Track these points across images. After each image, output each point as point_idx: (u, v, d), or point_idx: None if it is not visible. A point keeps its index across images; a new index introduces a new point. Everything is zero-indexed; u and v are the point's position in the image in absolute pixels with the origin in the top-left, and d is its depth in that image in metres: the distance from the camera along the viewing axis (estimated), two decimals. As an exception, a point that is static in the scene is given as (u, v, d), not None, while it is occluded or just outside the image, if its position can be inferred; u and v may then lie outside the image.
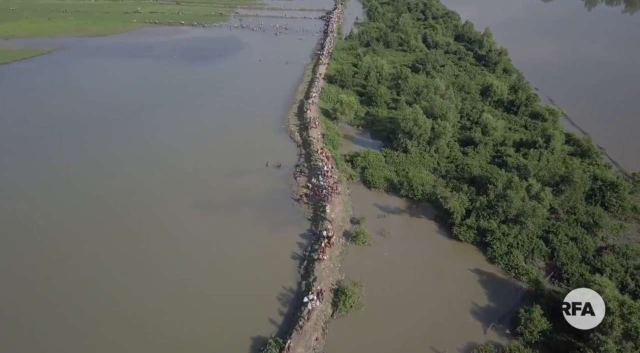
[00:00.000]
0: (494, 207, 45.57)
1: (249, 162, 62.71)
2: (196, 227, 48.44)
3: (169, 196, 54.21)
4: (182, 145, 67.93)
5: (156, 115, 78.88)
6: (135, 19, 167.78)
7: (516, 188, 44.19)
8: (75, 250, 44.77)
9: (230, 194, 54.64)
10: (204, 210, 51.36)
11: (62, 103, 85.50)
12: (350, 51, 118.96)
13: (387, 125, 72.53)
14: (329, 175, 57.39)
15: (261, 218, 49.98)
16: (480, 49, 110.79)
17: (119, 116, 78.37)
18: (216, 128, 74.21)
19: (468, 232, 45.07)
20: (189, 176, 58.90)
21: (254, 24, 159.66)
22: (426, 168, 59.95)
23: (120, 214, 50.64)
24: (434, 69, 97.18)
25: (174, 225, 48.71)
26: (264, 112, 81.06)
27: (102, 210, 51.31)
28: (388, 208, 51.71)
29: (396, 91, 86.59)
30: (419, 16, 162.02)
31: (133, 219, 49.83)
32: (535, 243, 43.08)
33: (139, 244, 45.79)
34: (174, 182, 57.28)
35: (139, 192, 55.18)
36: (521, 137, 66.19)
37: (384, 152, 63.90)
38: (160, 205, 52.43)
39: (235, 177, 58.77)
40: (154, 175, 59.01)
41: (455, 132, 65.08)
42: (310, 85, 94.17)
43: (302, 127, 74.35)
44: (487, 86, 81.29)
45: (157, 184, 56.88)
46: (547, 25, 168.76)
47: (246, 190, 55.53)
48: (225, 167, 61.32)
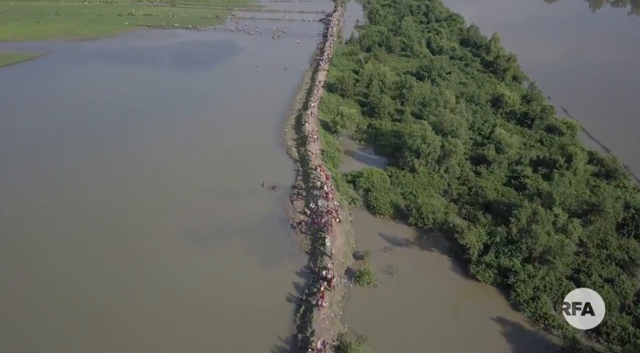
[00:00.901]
0: (516, 243, 40.14)
1: (241, 182, 57.29)
2: (177, 263, 42.90)
3: (148, 224, 48.63)
4: (169, 162, 62.43)
5: (143, 127, 73.34)
6: (128, 21, 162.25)
7: (542, 222, 38.77)
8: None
9: (219, 221, 49.15)
10: (187, 241, 45.84)
11: (43, 113, 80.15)
12: (350, 56, 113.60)
13: (391, 140, 67.12)
14: (329, 198, 52.12)
15: (252, 251, 44.53)
16: (487, 54, 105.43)
17: (102, 129, 72.79)
18: (207, 142, 68.70)
19: (487, 272, 39.64)
20: (175, 200, 53.33)
21: (250, 26, 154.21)
22: (435, 190, 54.56)
23: (92, 245, 45.23)
24: (439, 77, 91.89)
25: (150, 262, 43.19)
26: (259, 124, 75.61)
27: (72, 240, 45.85)
28: (395, 239, 46.24)
29: (400, 101, 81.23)
30: (422, 19, 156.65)
31: (108, 251, 44.39)
32: (565, 286, 37.66)
33: (113, 284, 40.35)
34: (156, 207, 51.70)
35: (116, 218, 49.68)
36: (538, 154, 60.77)
37: (389, 171, 58.50)
38: (139, 236, 46.90)
39: (226, 200, 53.30)
40: (134, 200, 53.41)
41: (466, 149, 59.64)
42: (308, 94, 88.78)
43: (300, 141, 68.93)
44: (497, 97, 75.88)
45: (136, 210, 51.34)
46: (552, 26, 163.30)
47: (237, 216, 50.06)
48: (216, 188, 55.85)
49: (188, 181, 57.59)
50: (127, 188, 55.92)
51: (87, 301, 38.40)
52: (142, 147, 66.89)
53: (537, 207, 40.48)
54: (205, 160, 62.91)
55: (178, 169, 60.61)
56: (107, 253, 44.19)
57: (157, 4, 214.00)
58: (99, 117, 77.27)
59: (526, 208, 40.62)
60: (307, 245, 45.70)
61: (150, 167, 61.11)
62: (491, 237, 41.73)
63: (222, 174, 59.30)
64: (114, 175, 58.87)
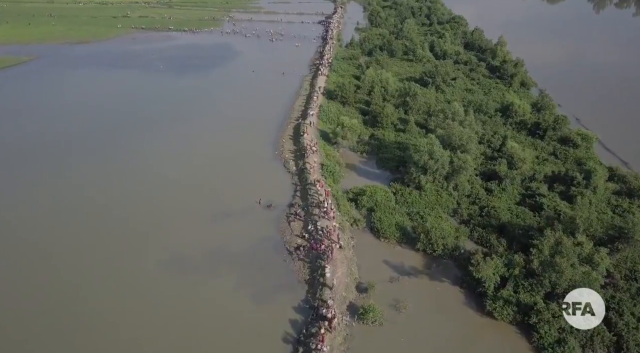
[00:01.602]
0: (537, 276, 36.09)
1: (235, 199, 53.31)
2: (156, 297, 38.90)
3: (131, 250, 44.57)
4: (157, 176, 58.31)
5: (130, 139, 69.20)
6: (123, 24, 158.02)
7: (567, 254, 34.72)
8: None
9: (208, 246, 45.14)
10: (171, 270, 41.81)
11: (28, 121, 76.18)
12: (351, 61, 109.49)
13: (395, 153, 63.10)
14: (329, 217, 48.15)
15: (244, 283, 40.50)
16: (493, 59, 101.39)
17: (86, 139, 68.92)
18: (199, 155, 64.63)
19: (505, 309, 35.60)
20: (160, 220, 49.28)
21: (247, 29, 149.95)
22: (444, 209, 50.53)
23: (68, 270, 41.18)
24: (444, 83, 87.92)
25: (132, 293, 39.23)
26: (255, 135, 71.54)
27: (41, 267, 41.76)
28: (402, 267, 42.17)
29: (404, 109, 77.18)
30: (424, 21, 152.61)
31: (81, 283, 40.30)
32: (595, 328, 33.57)
33: (91, 316, 36.28)
34: (138, 229, 47.63)
35: (92, 240, 45.59)
36: (553, 169, 56.71)
37: (393, 188, 54.46)
38: (120, 262, 42.89)
39: (217, 221, 49.28)
40: (115, 219, 49.34)
41: (477, 165, 55.57)
42: (307, 102, 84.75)
43: (299, 153, 64.90)
44: (507, 105, 71.85)
45: (116, 231, 47.21)
46: (556, 27, 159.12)
47: (228, 240, 46.06)
48: (207, 206, 51.90)
49: (176, 198, 53.62)
50: (108, 206, 51.82)
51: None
52: (129, 160, 62.77)
53: (561, 236, 36.40)
54: (197, 175, 58.85)
55: (166, 184, 56.59)
56: (79, 286, 40.10)
57: (153, 5, 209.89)
58: (84, 127, 73.22)
59: (548, 238, 36.57)
60: (305, 274, 41.69)
61: (136, 182, 57.04)
62: (509, 269, 37.62)
63: (214, 190, 55.30)
64: (93, 192, 54.80)
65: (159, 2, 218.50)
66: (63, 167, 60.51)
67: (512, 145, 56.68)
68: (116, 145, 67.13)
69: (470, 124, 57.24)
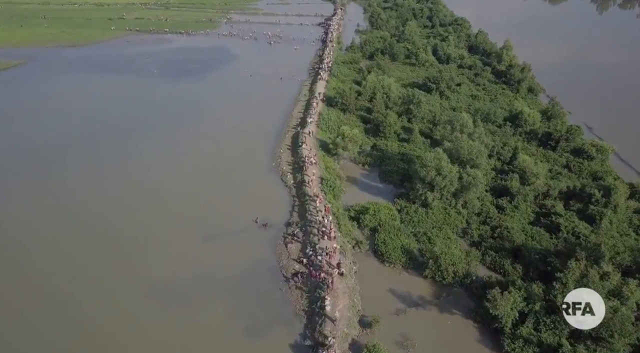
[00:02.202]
0: (560, 312, 32.51)
1: (228, 217, 49.79)
2: (139, 331, 35.30)
3: (112, 276, 40.90)
4: (145, 192, 54.73)
5: (119, 148, 65.69)
6: (117, 26, 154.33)
7: (595, 287, 31.14)
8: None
9: (197, 272, 41.59)
10: (156, 300, 38.24)
11: (16, 127, 72.87)
12: (351, 65, 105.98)
13: (399, 165, 59.53)
14: (331, 236, 44.66)
15: (236, 314, 36.94)
16: (499, 63, 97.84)
17: (76, 147, 65.74)
18: (192, 166, 61.08)
19: (526, 350, 32.00)
20: (146, 242, 45.61)
21: (245, 31, 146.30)
22: (452, 229, 46.98)
23: (47, 296, 37.60)
24: (448, 89, 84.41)
25: (111, 325, 35.65)
26: (251, 145, 67.98)
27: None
28: (409, 297, 38.57)
29: (407, 117, 73.63)
30: (426, 23, 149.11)
31: (63, 307, 36.75)
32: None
33: None
34: (122, 252, 43.92)
35: (70, 265, 41.98)
36: (568, 184, 53.11)
37: (398, 205, 50.90)
38: (98, 289, 39.29)
39: (208, 242, 45.70)
40: (96, 239, 45.72)
41: (487, 181, 51.97)
42: (306, 109, 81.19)
43: (297, 165, 61.32)
44: (515, 114, 68.30)
45: (99, 254, 43.55)
46: (559, 29, 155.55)
47: (220, 264, 42.48)
48: (198, 224, 48.35)
49: (165, 214, 50.09)
50: (90, 221, 48.29)
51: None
52: (116, 171, 59.24)
53: (587, 268, 32.83)
54: (189, 189, 55.26)
55: (155, 199, 53.08)
56: (54, 318, 36.55)
57: (150, 7, 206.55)
58: (73, 134, 69.80)
59: (573, 271, 32.96)
60: (303, 305, 38.08)
61: (122, 197, 53.45)
62: (528, 303, 34.02)
63: (207, 206, 51.76)
64: (78, 204, 51.36)
65: (155, 3, 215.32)
66: (48, 176, 56.98)
67: (524, 159, 53.11)
68: (104, 154, 63.65)
69: (479, 137, 53.63)
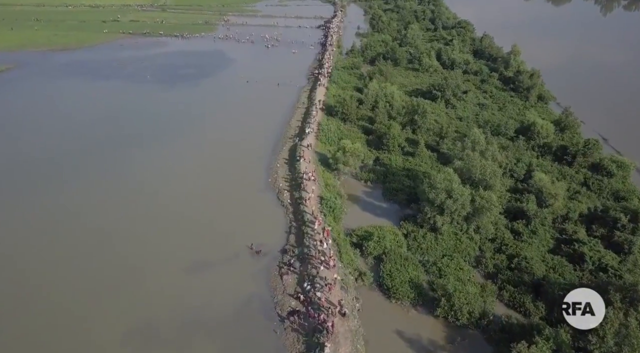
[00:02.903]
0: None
1: (219, 243, 45.62)
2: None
3: (84, 319, 36.50)
4: (129, 215, 50.36)
5: (107, 161, 61.62)
6: (111, 29, 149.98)
7: (637, 344, 26.92)
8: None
9: (183, 308, 37.47)
10: (137, 343, 33.98)
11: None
12: (352, 70, 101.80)
13: (404, 182, 55.36)
14: (330, 265, 40.57)
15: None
16: (506, 69, 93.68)
17: (59, 161, 61.54)
18: (182, 183, 56.83)
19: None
20: (127, 274, 41.32)
21: (241, 34, 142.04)
22: (464, 257, 42.82)
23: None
24: (454, 97, 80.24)
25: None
26: (246, 158, 63.82)
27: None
28: (419, 341, 34.33)
29: (412, 128, 69.44)
30: (428, 26, 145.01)
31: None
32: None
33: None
34: (97, 291, 39.41)
35: (41, 302, 37.72)
36: (589, 205, 48.93)
37: (404, 228, 46.72)
38: (67, 330, 35.03)
39: (195, 274, 41.47)
40: (69, 275, 41.29)
41: (502, 204, 47.69)
42: (305, 118, 77.03)
43: (294, 182, 57.13)
44: (527, 125, 64.14)
45: (68, 294, 39.08)
46: (564, 31, 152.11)
47: (208, 302, 38.23)
48: (185, 251, 44.17)
49: (149, 241, 45.79)
50: (68, 250, 43.98)
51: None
52: (97, 191, 54.90)
53: (627, 319, 28.61)
54: (176, 211, 50.98)
55: (138, 224, 48.77)
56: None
57: (146, 8, 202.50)
58: (51, 150, 65.30)
59: (612, 322, 28.74)
60: (300, 349, 33.83)
61: (100, 220, 49.05)
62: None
63: (195, 231, 47.53)
64: (57, 225, 47.12)
65: (152, 5, 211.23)
66: (19, 200, 52.65)
67: (541, 177, 48.93)
68: (85, 171, 59.21)
69: (492, 155, 49.36)
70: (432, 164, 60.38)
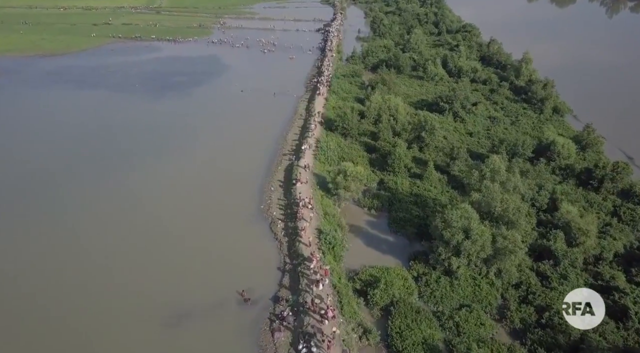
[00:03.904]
0: None
1: (201, 288, 39.82)
2: None
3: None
4: (101, 252, 44.46)
5: (84, 183, 55.65)
6: (102, 32, 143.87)
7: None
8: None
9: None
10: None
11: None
12: (353, 79, 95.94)
13: (412, 211, 49.51)
14: (329, 316, 34.78)
15: None
16: (517, 78, 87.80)
17: (34, 183, 55.44)
18: (161, 213, 50.88)
19: None
20: (92, 325, 35.47)
21: (237, 38, 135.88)
22: (484, 307, 36.99)
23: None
24: (463, 109, 74.36)
25: None
26: (238, 180, 58.02)
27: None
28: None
29: (418, 146, 63.57)
30: (432, 30, 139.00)
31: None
32: None
33: None
34: (60, 342, 33.76)
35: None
36: (623, 241, 43.07)
37: (414, 270, 40.92)
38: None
39: (172, 331, 35.60)
40: (28, 329, 35.53)
41: (527, 241, 41.70)
42: (302, 133, 71.23)
43: (289, 210, 51.21)
44: (546, 144, 58.30)
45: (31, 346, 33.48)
46: (570, 33, 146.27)
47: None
48: (162, 302, 38.21)
49: (124, 289, 39.73)
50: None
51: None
52: (73, 220, 49.07)
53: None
54: (155, 248, 45.06)
55: (109, 262, 42.87)
56: None
57: (140, 10, 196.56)
58: (24, 166, 59.53)
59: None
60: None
61: (66, 258, 43.23)
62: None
63: (176, 272, 41.71)
64: (21, 263, 41.11)
65: (146, 7, 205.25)
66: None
67: (568, 210, 43.09)
68: (55, 198, 53.32)
69: (515, 186, 43.34)
70: (442, 188, 54.57)
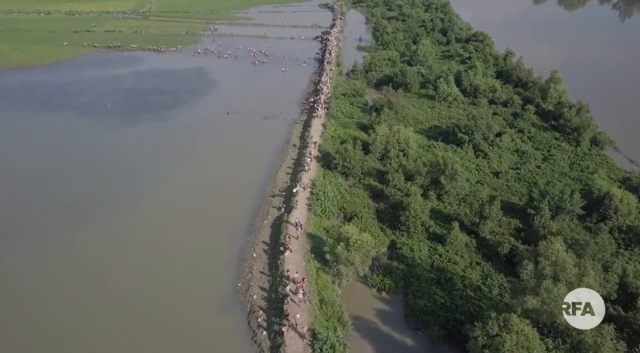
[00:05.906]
0: None
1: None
2: None
3: None
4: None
5: (30, 239, 43.76)
6: (77, 41, 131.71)
7: None
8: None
9: None
10: None
11: None
12: (354, 99, 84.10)
13: (436, 296, 37.77)
14: None
15: None
16: (543, 100, 75.98)
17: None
18: (105, 298, 39.14)
19: None
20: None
21: (225, 47, 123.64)
22: None
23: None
24: (485, 141, 62.63)
25: None
26: (211, 242, 46.34)
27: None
28: None
29: (436, 193, 51.81)
30: (440, 39, 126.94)
31: None
32: None
33: None
34: None
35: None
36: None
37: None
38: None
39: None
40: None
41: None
42: (295, 170, 59.65)
43: (274, 296, 39.36)
44: (599, 197, 46.51)
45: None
46: (580, 38, 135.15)
47: None
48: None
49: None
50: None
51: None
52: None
53: None
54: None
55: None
56: None
57: (128, 15, 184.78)
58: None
59: None
60: None
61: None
62: None
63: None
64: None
65: (135, 11, 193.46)
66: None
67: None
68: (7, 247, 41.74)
69: (589, 286, 30.98)
70: (470, 257, 42.82)
